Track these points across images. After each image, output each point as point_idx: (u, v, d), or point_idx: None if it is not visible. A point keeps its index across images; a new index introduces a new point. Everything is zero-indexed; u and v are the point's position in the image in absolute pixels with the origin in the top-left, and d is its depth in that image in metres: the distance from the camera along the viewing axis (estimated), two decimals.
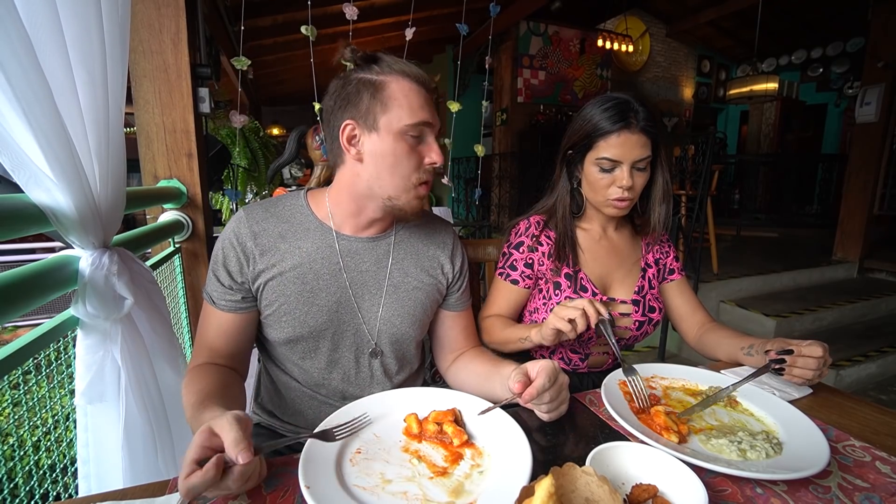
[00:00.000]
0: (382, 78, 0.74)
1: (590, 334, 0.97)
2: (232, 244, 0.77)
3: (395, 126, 0.73)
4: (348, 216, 0.81)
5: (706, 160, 2.93)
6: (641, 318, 1.00)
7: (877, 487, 0.55)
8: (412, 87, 0.74)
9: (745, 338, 0.93)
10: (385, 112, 0.73)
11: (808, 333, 3.02)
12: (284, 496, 0.53)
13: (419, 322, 0.87)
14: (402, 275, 0.85)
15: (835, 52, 6.58)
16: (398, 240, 0.87)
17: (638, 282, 1.02)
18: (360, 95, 0.74)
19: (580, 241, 1.02)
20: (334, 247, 0.80)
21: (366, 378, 0.86)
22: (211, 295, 0.79)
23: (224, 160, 2.11)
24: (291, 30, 4.00)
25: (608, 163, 0.92)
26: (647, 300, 1.01)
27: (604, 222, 1.04)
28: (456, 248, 0.93)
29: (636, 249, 1.06)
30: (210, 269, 0.80)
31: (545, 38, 5.73)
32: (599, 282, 1.00)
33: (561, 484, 0.47)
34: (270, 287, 0.77)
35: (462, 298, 0.94)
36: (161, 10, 1.41)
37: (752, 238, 5.28)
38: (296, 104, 7.37)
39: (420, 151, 0.76)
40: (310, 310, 0.78)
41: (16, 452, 0.77)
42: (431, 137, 0.77)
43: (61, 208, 0.70)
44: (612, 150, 0.91)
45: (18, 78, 0.58)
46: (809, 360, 0.77)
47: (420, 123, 0.74)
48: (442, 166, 0.79)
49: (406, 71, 0.74)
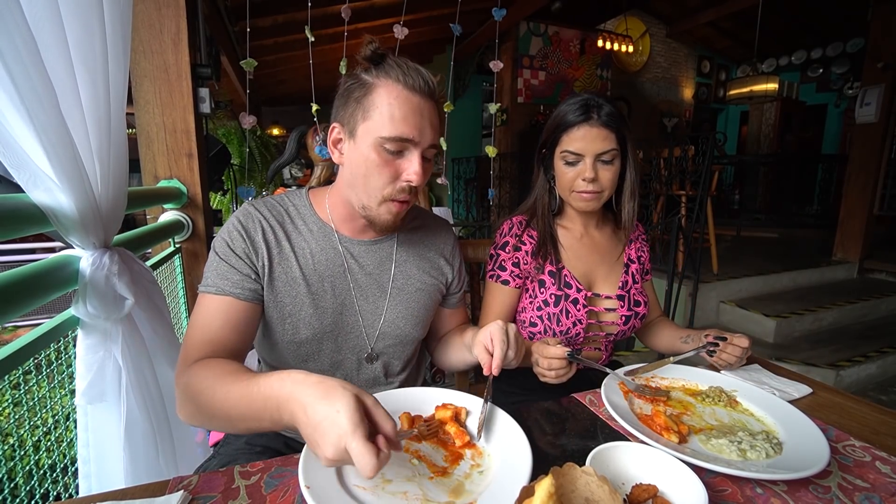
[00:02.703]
0: (373, 81, 0.69)
1: (577, 338, 1.00)
2: (240, 233, 0.73)
3: (371, 136, 0.68)
4: (345, 219, 0.80)
5: (706, 160, 2.93)
6: (627, 313, 1.02)
7: (877, 487, 0.55)
8: (401, 95, 0.68)
9: (683, 330, 1.04)
10: (365, 120, 0.69)
11: (808, 334, 3.02)
12: (284, 496, 0.53)
13: (423, 322, 0.88)
14: (406, 277, 0.85)
15: (835, 52, 6.58)
16: (401, 242, 0.86)
17: (621, 277, 1.05)
18: (350, 98, 0.71)
19: (562, 240, 1.04)
20: (338, 249, 0.80)
21: (367, 379, 0.86)
22: (218, 284, 0.71)
23: (224, 160, 2.11)
24: (291, 30, 3.99)
25: (571, 156, 0.95)
26: (631, 294, 1.03)
27: (584, 220, 1.06)
28: (455, 249, 0.94)
29: (618, 246, 1.08)
30: (213, 259, 0.73)
31: (545, 39, 5.73)
32: (584, 278, 1.02)
33: (561, 484, 0.47)
34: (275, 286, 0.75)
35: (460, 297, 0.96)
36: (161, 10, 1.41)
37: (751, 238, 5.27)
38: (296, 104, 7.37)
39: (397, 166, 0.70)
40: (314, 312, 0.77)
41: (16, 452, 0.77)
42: (415, 154, 0.70)
43: (62, 209, 0.70)
44: (574, 143, 0.94)
45: (23, 79, 0.58)
46: (736, 349, 0.86)
47: (397, 139, 0.68)
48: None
49: (401, 77, 0.68)
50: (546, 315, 1.00)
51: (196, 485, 0.54)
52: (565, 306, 0.98)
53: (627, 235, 1.07)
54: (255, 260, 0.74)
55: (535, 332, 1.03)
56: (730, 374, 0.87)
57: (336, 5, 2.61)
